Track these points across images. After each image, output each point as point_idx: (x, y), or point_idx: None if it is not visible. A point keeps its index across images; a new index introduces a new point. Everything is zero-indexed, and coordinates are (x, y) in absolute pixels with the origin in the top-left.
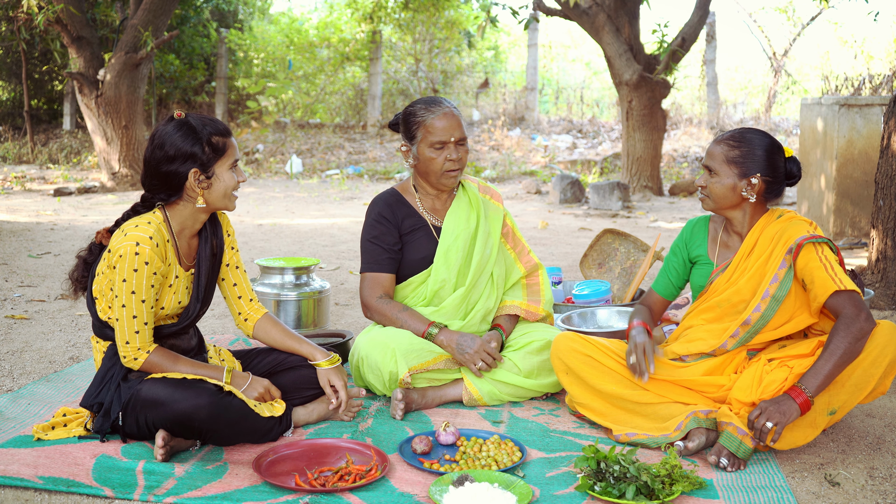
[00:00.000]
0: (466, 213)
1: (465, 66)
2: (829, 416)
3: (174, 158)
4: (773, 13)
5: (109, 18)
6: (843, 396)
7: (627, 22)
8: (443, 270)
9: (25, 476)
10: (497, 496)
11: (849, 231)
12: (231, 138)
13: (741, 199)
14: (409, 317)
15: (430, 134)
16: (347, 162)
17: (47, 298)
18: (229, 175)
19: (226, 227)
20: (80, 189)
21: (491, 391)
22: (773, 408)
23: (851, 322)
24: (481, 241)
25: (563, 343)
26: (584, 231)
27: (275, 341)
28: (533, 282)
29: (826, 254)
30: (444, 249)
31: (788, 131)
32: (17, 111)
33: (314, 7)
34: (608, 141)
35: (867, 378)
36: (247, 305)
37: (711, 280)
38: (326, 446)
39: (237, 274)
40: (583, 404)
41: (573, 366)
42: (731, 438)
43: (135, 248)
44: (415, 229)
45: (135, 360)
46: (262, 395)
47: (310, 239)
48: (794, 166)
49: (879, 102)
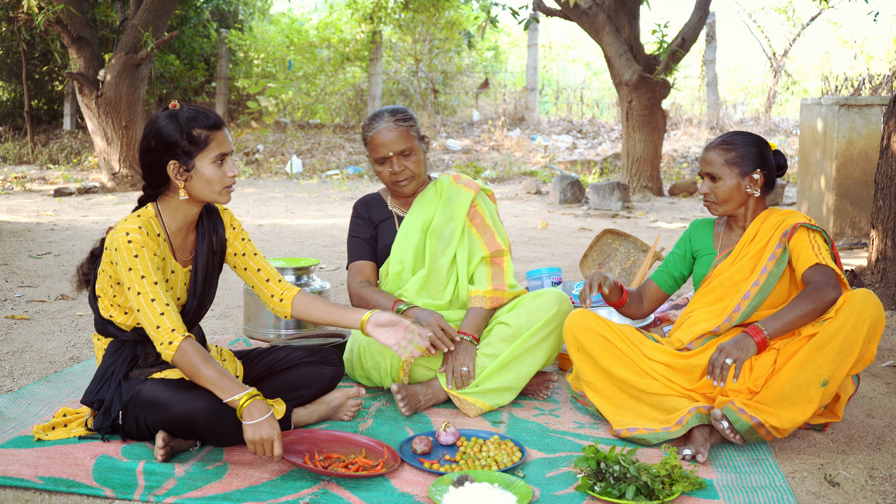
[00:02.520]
0: (428, 202)
1: (465, 66)
2: (822, 388)
3: (154, 150)
4: (773, 13)
5: (110, 19)
6: (829, 364)
7: (627, 22)
8: (399, 252)
9: (26, 476)
10: (497, 496)
11: (849, 231)
12: (218, 132)
13: (746, 197)
14: (381, 297)
15: (372, 150)
16: (347, 162)
17: (47, 299)
18: (212, 168)
19: (229, 221)
20: (81, 189)
21: (484, 390)
22: (731, 346)
23: (820, 288)
24: (438, 221)
25: (578, 320)
26: (584, 231)
27: (320, 313)
28: (497, 261)
29: (817, 239)
30: (403, 234)
31: (788, 131)
32: (17, 111)
33: (314, 7)
34: (608, 141)
35: (850, 344)
36: (277, 286)
37: (715, 265)
38: (342, 438)
39: (257, 260)
40: (589, 384)
41: (586, 344)
42: (731, 411)
43: (126, 238)
44: (383, 220)
45: (170, 343)
46: (259, 444)
47: (310, 239)
48: (781, 158)
49: (879, 103)
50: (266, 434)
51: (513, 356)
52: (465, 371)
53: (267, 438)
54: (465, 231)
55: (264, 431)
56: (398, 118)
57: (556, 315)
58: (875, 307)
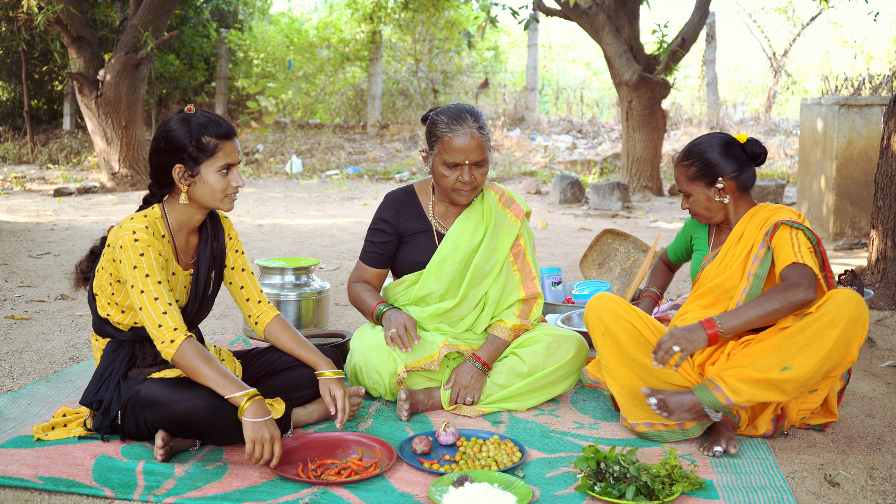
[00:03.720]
0: (474, 225)
1: (464, 66)
2: (783, 373)
3: (163, 150)
4: (773, 13)
5: (109, 19)
6: (796, 353)
7: (627, 22)
8: (432, 280)
9: (25, 476)
10: (497, 496)
11: (849, 231)
12: (228, 142)
13: (722, 204)
14: (368, 296)
15: (445, 152)
16: (347, 162)
17: (47, 299)
18: (217, 177)
19: (227, 230)
20: (80, 189)
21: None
22: (682, 334)
23: (791, 287)
24: (482, 256)
25: (604, 304)
26: (584, 231)
27: (283, 347)
28: (530, 302)
29: (798, 237)
30: (440, 259)
31: (788, 131)
32: (17, 111)
33: (314, 7)
34: (608, 141)
35: (822, 338)
36: (255, 308)
37: (703, 266)
38: (333, 440)
39: (243, 276)
40: (611, 370)
41: (612, 327)
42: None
43: (133, 236)
44: (418, 231)
45: (172, 342)
46: (259, 444)
47: (310, 239)
48: (754, 146)
49: (879, 103)
50: (268, 433)
51: (521, 391)
52: (468, 401)
53: (269, 438)
54: (504, 267)
55: (266, 431)
56: (480, 125)
57: (572, 360)
58: (855, 307)
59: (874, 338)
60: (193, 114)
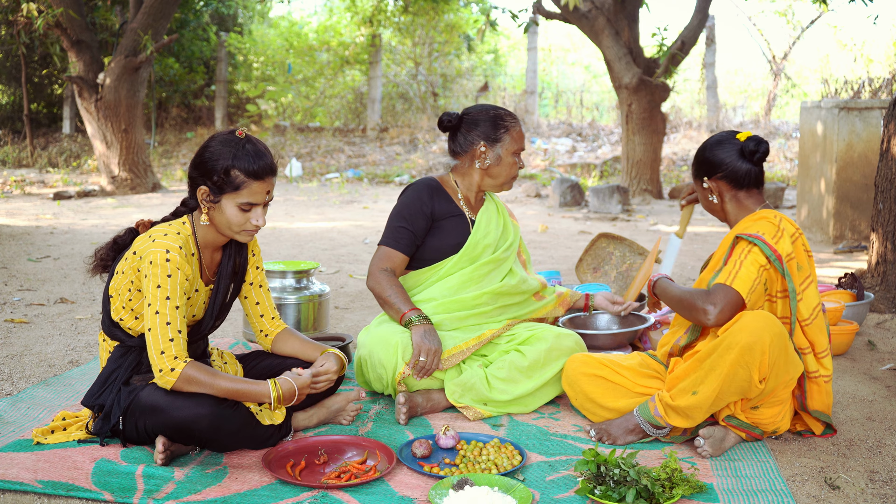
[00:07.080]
0: (496, 217)
1: (464, 69)
2: (692, 397)
3: (197, 166)
4: (773, 16)
5: (109, 22)
6: (701, 374)
7: (627, 25)
8: (466, 262)
9: (25, 480)
10: (497, 500)
11: (849, 234)
12: (258, 182)
13: (720, 204)
14: (396, 297)
15: (515, 142)
16: (347, 165)
17: (47, 302)
18: (235, 212)
19: (251, 246)
20: (80, 193)
21: (490, 405)
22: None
23: (706, 300)
24: (504, 244)
25: (572, 368)
26: (584, 234)
27: (294, 352)
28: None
29: (749, 255)
30: (474, 242)
31: (788, 134)
32: (16, 115)
33: (314, 11)
34: (608, 144)
35: (720, 363)
36: (268, 323)
37: (702, 268)
38: (333, 443)
39: (260, 293)
40: (589, 411)
41: (586, 390)
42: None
43: (165, 255)
44: (452, 216)
45: (171, 370)
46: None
47: (309, 242)
48: (750, 143)
49: (879, 106)
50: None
51: (527, 392)
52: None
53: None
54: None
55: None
56: None
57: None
58: (751, 333)
59: (874, 341)
60: (239, 139)
